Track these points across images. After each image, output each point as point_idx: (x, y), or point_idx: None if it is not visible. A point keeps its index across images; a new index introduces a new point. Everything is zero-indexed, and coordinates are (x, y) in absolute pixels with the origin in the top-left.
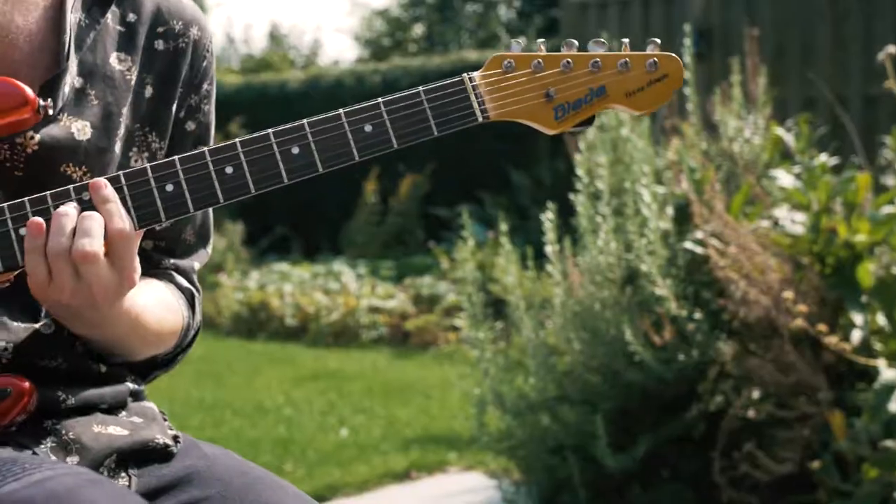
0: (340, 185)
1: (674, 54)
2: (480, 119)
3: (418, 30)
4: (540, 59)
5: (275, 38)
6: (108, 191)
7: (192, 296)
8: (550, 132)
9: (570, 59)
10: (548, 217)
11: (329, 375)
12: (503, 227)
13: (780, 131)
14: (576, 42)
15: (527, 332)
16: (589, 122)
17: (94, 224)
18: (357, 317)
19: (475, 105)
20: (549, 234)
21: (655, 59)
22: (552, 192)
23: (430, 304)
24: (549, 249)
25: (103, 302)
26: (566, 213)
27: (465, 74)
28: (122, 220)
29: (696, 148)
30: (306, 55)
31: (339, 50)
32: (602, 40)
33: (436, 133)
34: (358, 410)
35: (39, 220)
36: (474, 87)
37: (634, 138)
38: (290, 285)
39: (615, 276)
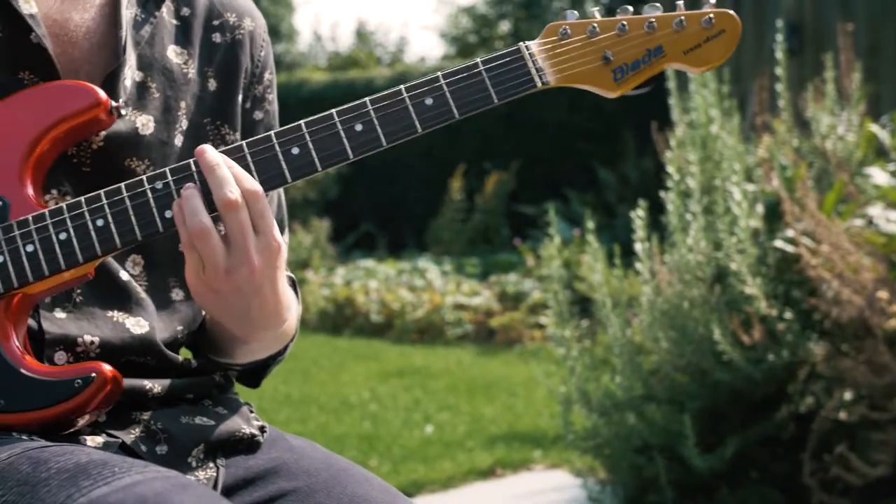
0: (426, 182)
1: (730, 11)
2: (540, 85)
3: (504, 26)
4: (595, 24)
5: (361, 35)
6: (215, 155)
7: (294, 282)
8: (610, 95)
9: (625, 22)
10: (638, 214)
11: (414, 372)
12: (590, 224)
13: (874, 128)
14: (630, 7)
15: (613, 331)
16: (648, 83)
17: (222, 171)
18: (442, 314)
19: (533, 72)
20: (639, 232)
21: (711, 15)
22: (639, 190)
23: (516, 302)
24: (639, 247)
25: (261, 273)
26: (654, 210)
27: (521, 43)
28: (249, 181)
29: (787, 145)
30: (392, 52)
31: (426, 47)
32: (657, 4)
33: (496, 101)
34: (443, 407)
35: (188, 191)
36: (531, 55)
37: (725, 135)
38: (376, 282)
39: (704, 275)
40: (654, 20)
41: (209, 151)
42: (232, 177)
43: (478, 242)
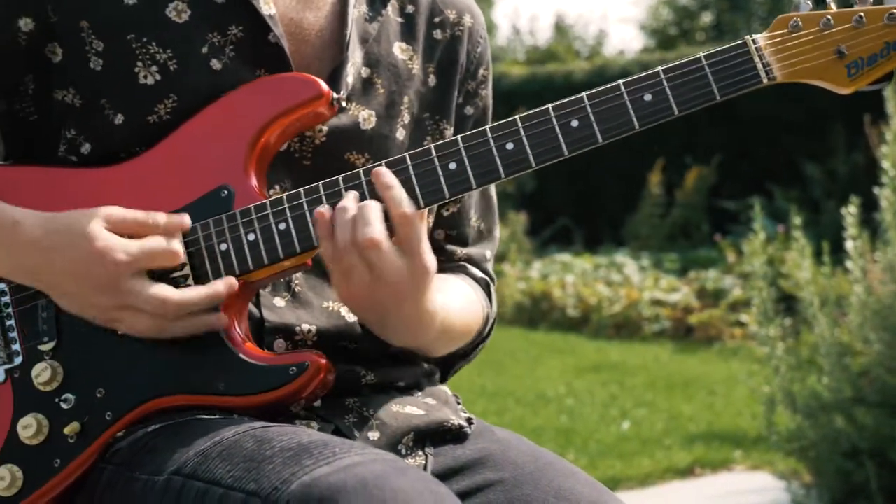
0: (624, 176)
1: None
2: (766, 81)
3: (706, 18)
4: (829, 17)
5: (560, 28)
6: (390, 177)
7: (488, 284)
8: (843, 91)
9: (862, 14)
10: (849, 211)
11: (611, 367)
12: (796, 220)
13: None
14: None
15: (820, 330)
16: (886, 78)
17: (371, 211)
18: (639, 309)
19: (759, 67)
20: (851, 229)
21: None
22: (847, 186)
23: (716, 299)
24: (850, 244)
25: (402, 291)
26: (864, 207)
27: (747, 37)
28: (405, 204)
29: None
30: (591, 45)
31: (625, 39)
32: None
33: (718, 98)
34: (640, 404)
35: (324, 209)
36: (758, 49)
37: None
38: (572, 276)
39: None
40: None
41: (385, 173)
42: (377, 213)
43: (677, 238)
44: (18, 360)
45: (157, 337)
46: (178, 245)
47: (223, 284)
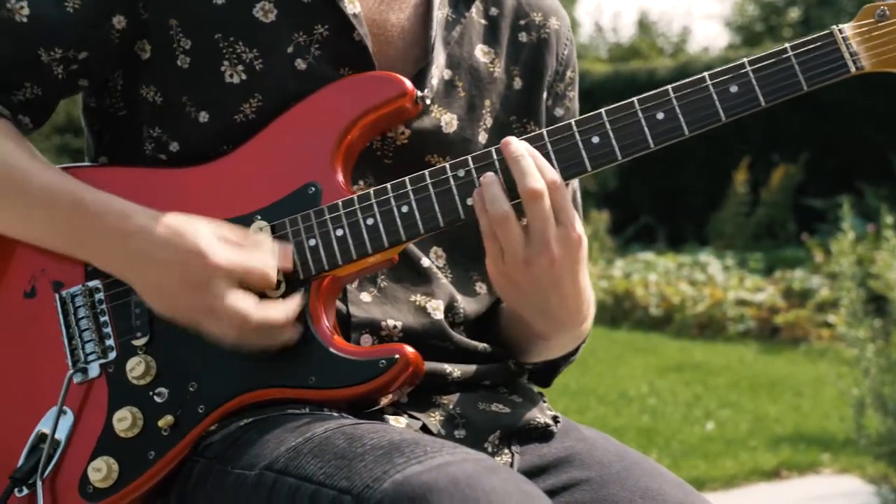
0: (708, 174)
1: None
2: (854, 70)
3: (794, 14)
4: None
5: (643, 25)
6: (526, 146)
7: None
8: None
9: None
10: None
11: (694, 367)
12: (887, 219)
13: None
14: None
15: None
16: None
17: (526, 163)
18: (724, 309)
19: (847, 57)
20: None
21: None
22: None
23: (802, 299)
24: None
25: (560, 265)
26: None
27: (833, 27)
28: (552, 171)
29: None
30: (675, 42)
31: (709, 36)
32: None
33: (805, 88)
34: (724, 404)
35: (488, 178)
36: (844, 39)
37: None
38: (655, 275)
39: None
40: None
41: (514, 142)
42: (535, 167)
43: (762, 237)
44: (113, 355)
45: (234, 347)
46: (274, 272)
47: (299, 303)
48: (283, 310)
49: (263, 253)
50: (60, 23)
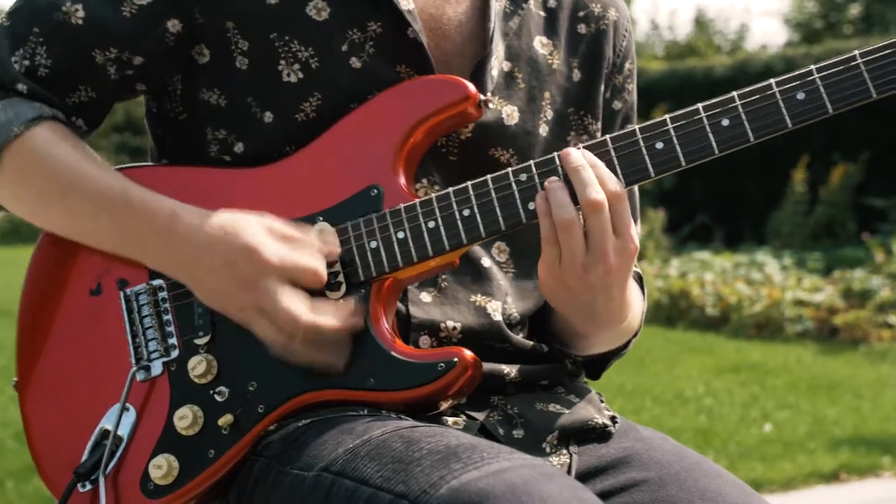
0: (766, 173)
1: None
2: None
3: (854, 10)
4: None
5: (700, 23)
6: (590, 156)
7: (640, 277)
8: None
9: None
10: None
11: (751, 368)
12: None
13: None
14: None
15: None
16: None
17: (587, 174)
18: (781, 309)
19: None
20: None
21: None
22: None
23: (862, 299)
24: None
25: (613, 272)
26: None
27: None
28: (613, 181)
29: None
30: (732, 40)
31: (767, 33)
32: None
33: (874, 95)
34: (782, 405)
35: (552, 182)
36: None
37: None
38: (711, 274)
39: None
40: None
41: (573, 153)
42: (596, 178)
43: (821, 236)
44: (175, 354)
45: (281, 354)
46: (324, 269)
47: (353, 314)
48: (336, 316)
49: (312, 248)
50: (115, 24)
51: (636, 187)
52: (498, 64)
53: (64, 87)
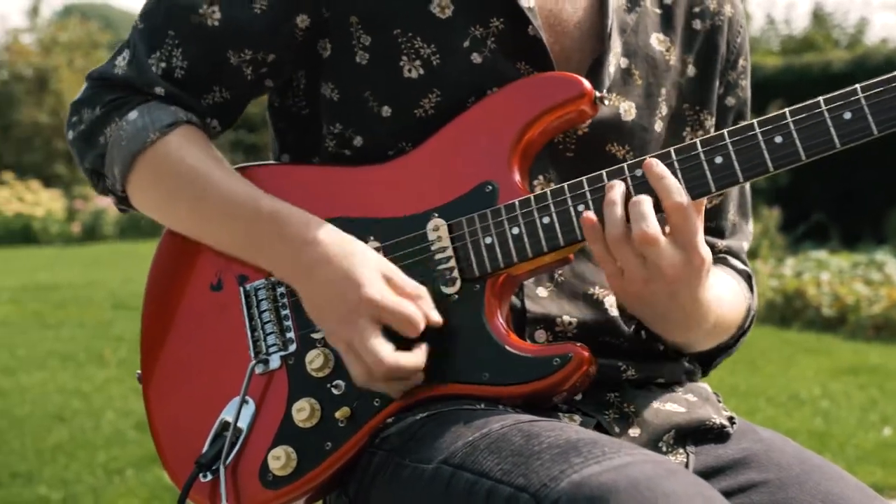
0: (886, 170)
1: None
2: None
3: None
4: None
5: (818, 17)
6: (662, 167)
7: (749, 276)
8: None
9: None
10: None
11: (870, 370)
12: None
13: None
14: None
15: None
16: None
17: (645, 206)
18: None
19: None
20: None
21: None
22: None
23: None
24: None
25: (678, 284)
26: None
27: None
28: (679, 194)
29: None
30: (851, 34)
31: (889, 27)
32: None
33: None
34: None
35: (591, 214)
36: None
37: None
38: (828, 274)
39: None
40: None
41: (656, 164)
42: (650, 207)
43: None
44: (293, 348)
45: (361, 384)
46: (423, 323)
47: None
48: (416, 360)
49: (419, 303)
50: (250, 24)
51: (747, 184)
52: (615, 60)
53: (200, 89)
